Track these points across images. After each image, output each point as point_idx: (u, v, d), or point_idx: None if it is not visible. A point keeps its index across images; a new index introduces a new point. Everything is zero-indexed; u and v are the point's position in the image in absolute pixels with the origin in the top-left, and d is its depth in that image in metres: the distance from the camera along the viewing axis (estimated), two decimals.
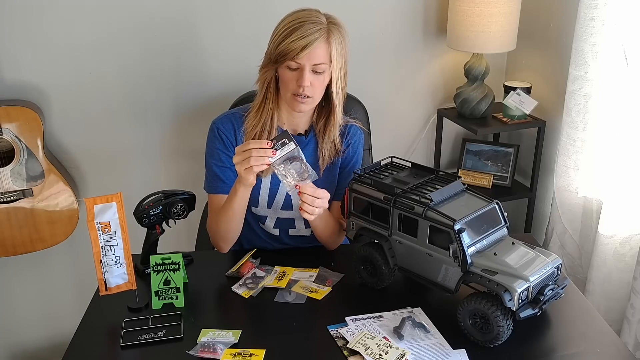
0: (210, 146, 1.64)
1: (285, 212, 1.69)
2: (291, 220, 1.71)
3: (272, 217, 1.69)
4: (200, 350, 1.25)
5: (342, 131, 1.68)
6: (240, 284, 1.49)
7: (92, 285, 1.44)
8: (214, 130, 1.64)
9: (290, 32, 1.49)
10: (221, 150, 1.62)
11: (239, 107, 1.70)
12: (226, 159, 1.62)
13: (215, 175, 1.63)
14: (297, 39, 1.47)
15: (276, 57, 1.52)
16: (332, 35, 1.51)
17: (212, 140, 1.64)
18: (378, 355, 1.22)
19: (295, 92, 1.52)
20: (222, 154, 1.62)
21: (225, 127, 1.63)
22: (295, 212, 1.68)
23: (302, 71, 1.50)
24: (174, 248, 1.66)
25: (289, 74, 1.52)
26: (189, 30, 2.18)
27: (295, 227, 1.72)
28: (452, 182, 1.41)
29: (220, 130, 1.62)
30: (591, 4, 1.87)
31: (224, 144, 1.62)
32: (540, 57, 2.38)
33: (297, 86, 1.51)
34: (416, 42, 2.43)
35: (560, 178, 2.13)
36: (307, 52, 1.48)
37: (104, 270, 1.35)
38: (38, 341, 2.52)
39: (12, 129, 1.99)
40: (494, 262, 1.26)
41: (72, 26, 2.08)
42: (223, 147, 1.62)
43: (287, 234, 1.73)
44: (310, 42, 1.47)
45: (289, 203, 1.67)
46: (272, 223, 1.70)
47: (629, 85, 1.86)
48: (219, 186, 1.62)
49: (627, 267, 1.96)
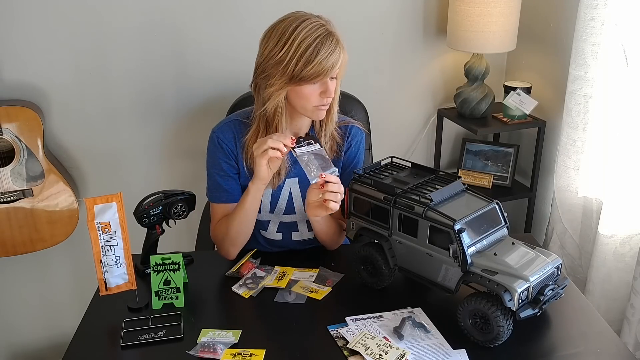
0: (211, 156, 1.63)
1: (287, 217, 1.68)
2: (294, 224, 1.70)
3: (274, 222, 1.69)
4: (200, 350, 1.25)
5: (342, 132, 1.67)
6: (240, 284, 1.49)
7: (92, 285, 1.44)
8: (214, 139, 1.61)
9: (316, 53, 1.43)
10: (223, 160, 1.60)
11: (238, 113, 1.66)
12: (228, 168, 1.61)
13: (218, 186, 1.62)
14: (325, 58, 1.44)
15: (301, 77, 1.46)
16: (342, 41, 1.50)
17: (213, 150, 1.62)
18: (378, 355, 1.22)
19: (318, 104, 1.51)
20: (224, 164, 1.60)
21: (226, 136, 1.60)
22: (298, 215, 1.68)
23: (326, 84, 1.49)
24: (174, 248, 1.66)
25: (310, 89, 1.49)
26: (190, 30, 2.18)
27: (299, 231, 1.71)
28: (452, 182, 1.41)
29: (221, 139, 1.60)
30: (591, 4, 1.87)
31: (225, 152, 1.60)
32: (540, 57, 2.38)
33: (322, 98, 1.50)
34: (416, 42, 2.43)
35: (560, 178, 2.13)
36: (336, 68, 1.48)
37: (104, 270, 1.35)
38: (38, 341, 2.52)
39: (12, 129, 1.99)
40: (494, 262, 1.26)
41: (72, 26, 2.08)
42: (224, 157, 1.60)
43: (290, 238, 1.72)
44: (337, 59, 1.47)
45: (291, 207, 1.66)
46: (275, 228, 1.70)
47: (629, 85, 1.86)
48: (222, 196, 1.62)
49: (627, 267, 1.96)
